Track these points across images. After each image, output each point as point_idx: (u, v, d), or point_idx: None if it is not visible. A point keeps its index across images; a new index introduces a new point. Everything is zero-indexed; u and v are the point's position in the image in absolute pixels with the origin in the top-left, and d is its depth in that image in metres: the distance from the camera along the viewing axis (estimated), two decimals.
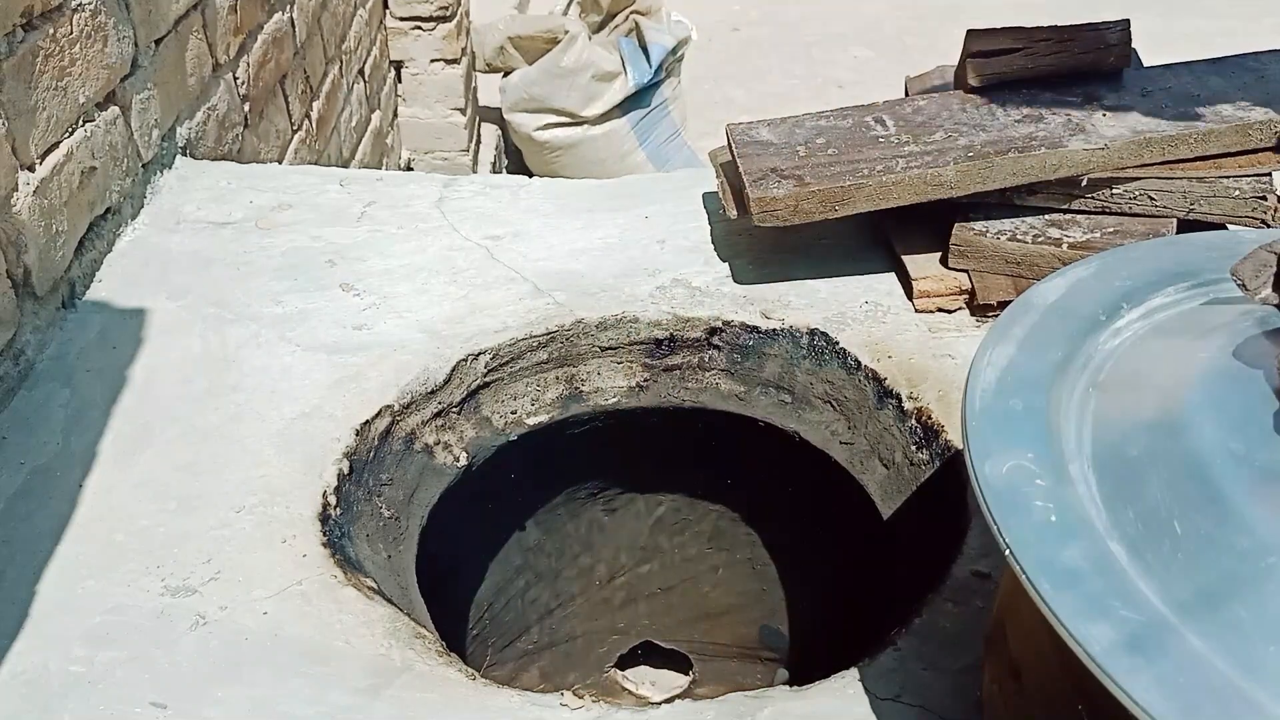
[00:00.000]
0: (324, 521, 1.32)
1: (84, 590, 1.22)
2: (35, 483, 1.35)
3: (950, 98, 1.74)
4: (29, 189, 1.51)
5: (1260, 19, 5.68)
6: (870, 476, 1.59)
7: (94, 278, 1.71)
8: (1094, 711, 0.78)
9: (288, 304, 1.67)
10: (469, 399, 1.62)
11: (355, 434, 1.44)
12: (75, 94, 1.64)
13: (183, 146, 2.04)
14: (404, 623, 1.22)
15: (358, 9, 3.34)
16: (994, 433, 0.84)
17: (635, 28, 4.29)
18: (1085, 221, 1.59)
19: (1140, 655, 0.66)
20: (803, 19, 6.21)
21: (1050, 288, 1.00)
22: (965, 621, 1.19)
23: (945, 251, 1.65)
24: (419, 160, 4.06)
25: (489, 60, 4.25)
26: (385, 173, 2.10)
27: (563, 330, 1.66)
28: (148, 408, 1.47)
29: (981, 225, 1.60)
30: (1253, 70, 1.69)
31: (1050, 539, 0.75)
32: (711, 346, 1.69)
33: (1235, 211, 1.54)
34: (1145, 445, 0.81)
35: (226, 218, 1.88)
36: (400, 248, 1.81)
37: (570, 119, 4.18)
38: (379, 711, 1.10)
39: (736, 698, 1.14)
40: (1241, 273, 0.88)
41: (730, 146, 1.72)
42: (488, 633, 2.04)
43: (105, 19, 1.72)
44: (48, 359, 1.54)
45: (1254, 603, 0.68)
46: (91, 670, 1.13)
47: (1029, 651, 0.90)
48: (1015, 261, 1.60)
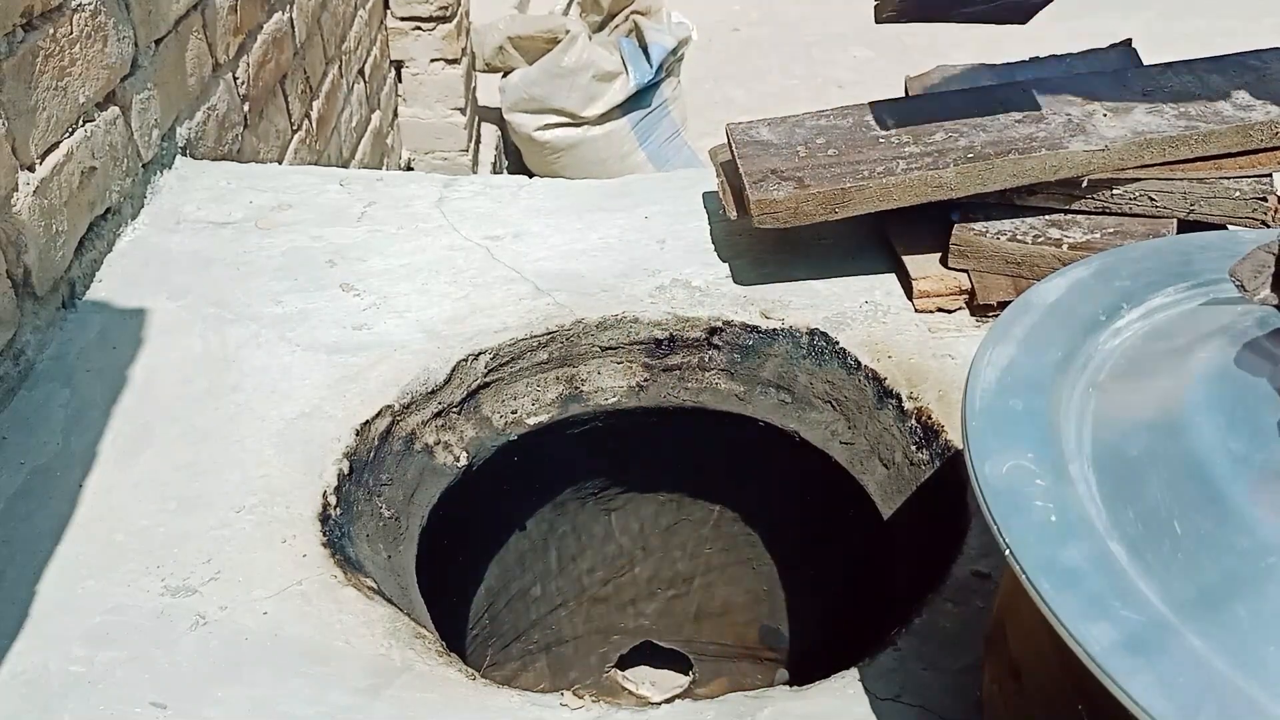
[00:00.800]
0: (324, 521, 1.32)
1: (84, 590, 1.22)
2: (35, 483, 1.35)
3: (950, 97, 1.74)
4: (29, 189, 1.51)
5: (1260, 19, 5.68)
6: (870, 476, 1.59)
7: (94, 278, 1.71)
8: (1094, 711, 0.78)
9: (288, 304, 1.67)
10: (469, 399, 1.62)
11: (355, 434, 1.44)
12: (75, 94, 1.64)
13: (183, 146, 2.04)
14: (404, 623, 1.22)
15: (358, 9, 3.34)
16: (994, 433, 0.84)
17: (635, 28, 4.29)
18: (1085, 222, 1.59)
19: (1140, 655, 0.66)
20: (803, 19, 6.21)
21: (1050, 288, 1.00)
22: (965, 621, 1.19)
23: (945, 251, 1.65)
24: (419, 160, 4.06)
25: (489, 60, 4.25)
26: (385, 173, 2.10)
27: (563, 330, 1.66)
28: (148, 408, 1.47)
29: (981, 225, 1.60)
30: (1254, 69, 1.68)
31: (1050, 539, 0.75)
32: (711, 346, 1.69)
33: (1235, 212, 1.54)
34: (1145, 445, 0.81)
35: (226, 218, 1.88)
36: (400, 248, 1.81)
37: (570, 119, 4.18)
38: (379, 711, 1.10)
39: (736, 698, 1.14)
40: (1240, 273, 0.88)
41: (730, 146, 1.72)
42: (488, 633, 2.04)
43: (105, 19, 1.72)
44: (48, 359, 1.54)
45: (1254, 603, 0.68)
46: (91, 670, 1.13)
47: (1029, 651, 0.90)
48: (1015, 262, 1.60)
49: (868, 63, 5.64)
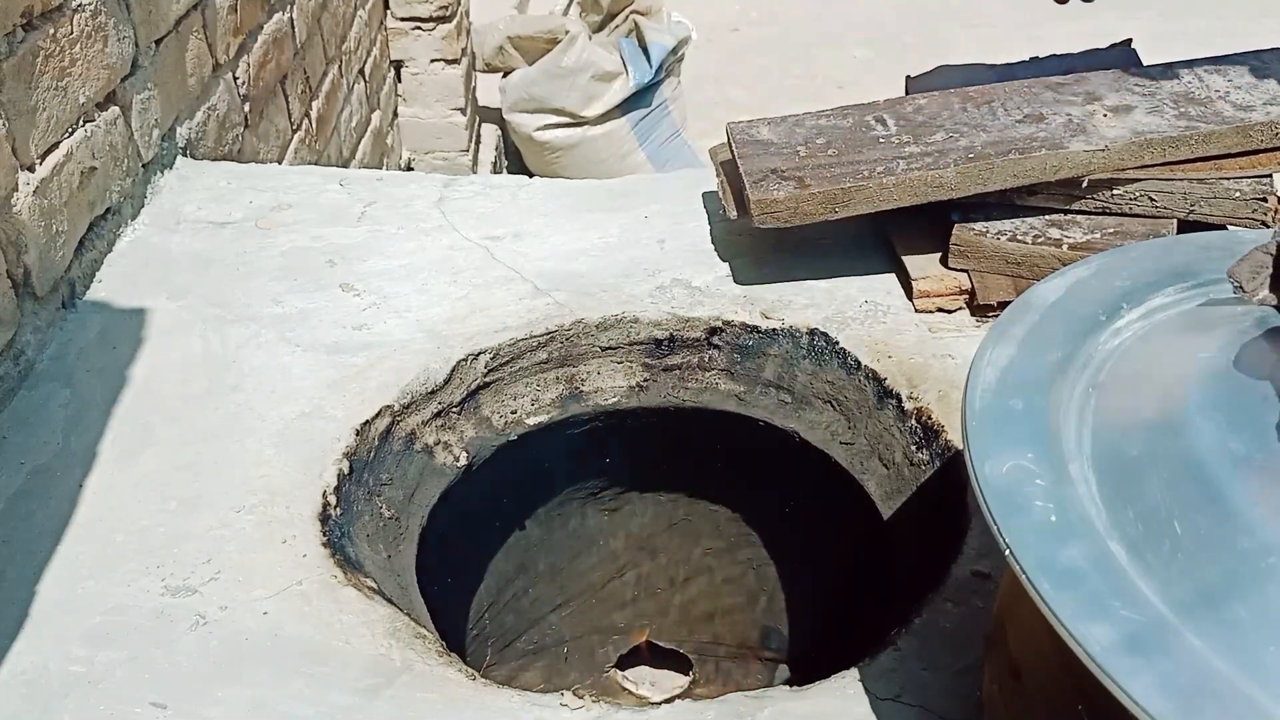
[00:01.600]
0: (324, 521, 1.32)
1: (84, 590, 1.22)
2: (35, 483, 1.35)
3: (951, 97, 1.74)
4: (29, 189, 1.51)
5: (1261, 19, 5.68)
6: (870, 476, 1.59)
7: (94, 278, 1.71)
8: (1094, 712, 0.78)
9: (288, 304, 1.67)
10: (469, 399, 1.62)
11: (355, 434, 1.44)
12: (75, 94, 1.64)
13: (183, 146, 2.04)
14: (404, 623, 1.22)
15: (358, 9, 3.34)
16: (994, 433, 0.84)
17: (635, 28, 4.29)
18: (1085, 222, 1.59)
19: (1140, 655, 0.66)
20: (803, 19, 6.21)
21: (1050, 288, 1.00)
22: (965, 621, 1.19)
23: (945, 251, 1.65)
24: (419, 160, 4.05)
25: (489, 60, 4.25)
26: (385, 173, 2.10)
27: (563, 330, 1.66)
28: (148, 408, 1.47)
29: (982, 225, 1.60)
30: (1254, 69, 1.68)
31: (1050, 539, 0.75)
32: (712, 346, 1.69)
33: (1235, 213, 1.54)
34: (1145, 445, 0.81)
35: (226, 218, 1.88)
36: (400, 248, 1.81)
37: (570, 119, 4.18)
38: (379, 711, 1.10)
39: (736, 698, 1.14)
40: (1238, 274, 0.88)
41: (730, 146, 1.72)
42: (488, 633, 2.04)
43: (105, 19, 1.72)
44: (48, 359, 1.54)
45: (1254, 603, 0.68)
46: (91, 670, 1.13)
47: (1029, 651, 0.90)
48: (1015, 262, 1.60)
49: (868, 63, 5.63)
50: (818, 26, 6.11)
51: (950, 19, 6.16)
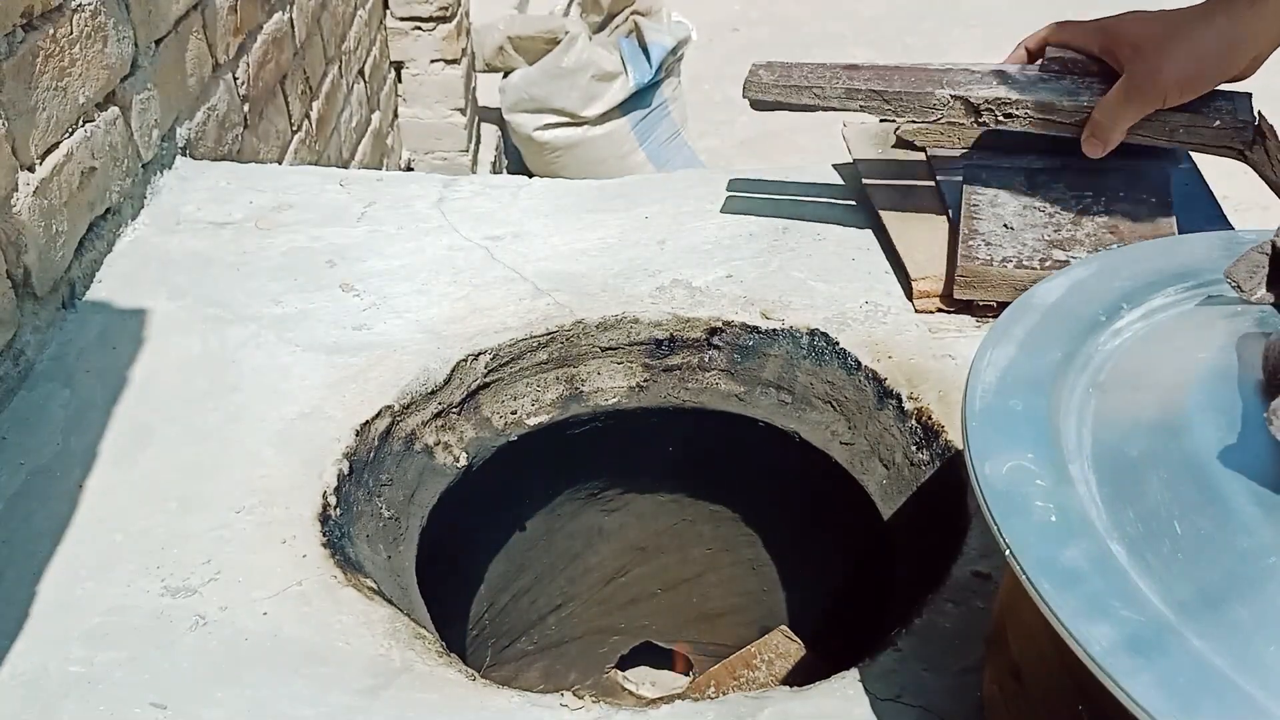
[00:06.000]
0: (324, 522, 1.32)
1: (83, 591, 1.22)
2: (35, 483, 1.35)
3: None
4: (29, 189, 1.51)
5: None
6: (870, 477, 1.58)
7: (94, 278, 1.71)
8: (1095, 712, 0.78)
9: (287, 304, 1.67)
10: (469, 399, 1.62)
11: (355, 434, 1.44)
12: (75, 94, 1.64)
13: (183, 147, 2.04)
14: (404, 623, 1.22)
15: (358, 9, 3.34)
16: (994, 433, 0.84)
17: (635, 28, 4.29)
18: (1088, 240, 1.59)
19: (1141, 655, 0.66)
20: (803, 19, 6.21)
21: (1050, 288, 1.00)
22: (965, 622, 1.19)
23: (946, 251, 1.65)
24: (419, 160, 4.06)
25: (489, 60, 4.25)
26: (385, 173, 2.10)
27: (563, 330, 1.66)
28: (148, 408, 1.47)
29: (986, 254, 1.58)
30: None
31: (1050, 539, 0.75)
32: (712, 347, 1.69)
33: (1215, 141, 1.55)
34: (1146, 446, 0.81)
35: (226, 218, 1.88)
36: (400, 248, 1.81)
37: (570, 119, 4.18)
38: (379, 712, 1.10)
39: (736, 698, 1.14)
40: (1235, 275, 0.89)
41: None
42: (488, 633, 2.04)
43: (105, 19, 1.72)
44: (48, 359, 1.54)
45: (1254, 603, 0.68)
46: (91, 671, 1.13)
47: (1029, 652, 0.90)
48: (1023, 287, 1.58)
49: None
50: (818, 26, 6.11)
51: (950, 19, 6.16)
